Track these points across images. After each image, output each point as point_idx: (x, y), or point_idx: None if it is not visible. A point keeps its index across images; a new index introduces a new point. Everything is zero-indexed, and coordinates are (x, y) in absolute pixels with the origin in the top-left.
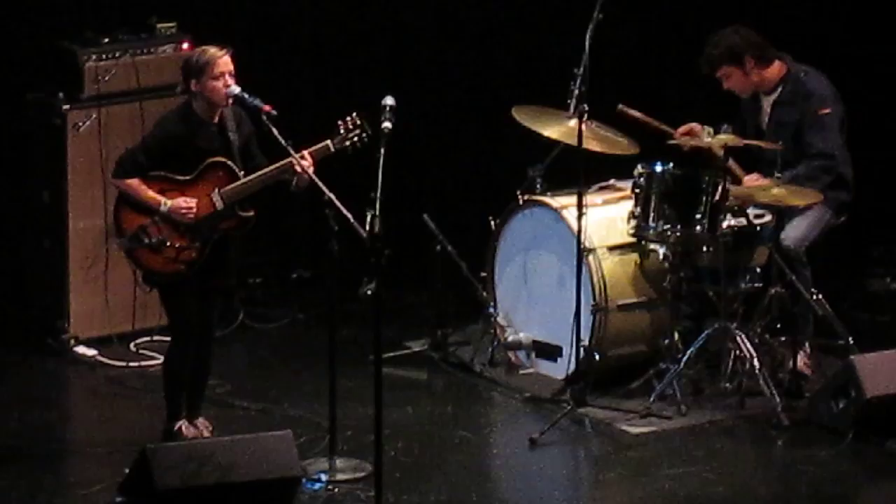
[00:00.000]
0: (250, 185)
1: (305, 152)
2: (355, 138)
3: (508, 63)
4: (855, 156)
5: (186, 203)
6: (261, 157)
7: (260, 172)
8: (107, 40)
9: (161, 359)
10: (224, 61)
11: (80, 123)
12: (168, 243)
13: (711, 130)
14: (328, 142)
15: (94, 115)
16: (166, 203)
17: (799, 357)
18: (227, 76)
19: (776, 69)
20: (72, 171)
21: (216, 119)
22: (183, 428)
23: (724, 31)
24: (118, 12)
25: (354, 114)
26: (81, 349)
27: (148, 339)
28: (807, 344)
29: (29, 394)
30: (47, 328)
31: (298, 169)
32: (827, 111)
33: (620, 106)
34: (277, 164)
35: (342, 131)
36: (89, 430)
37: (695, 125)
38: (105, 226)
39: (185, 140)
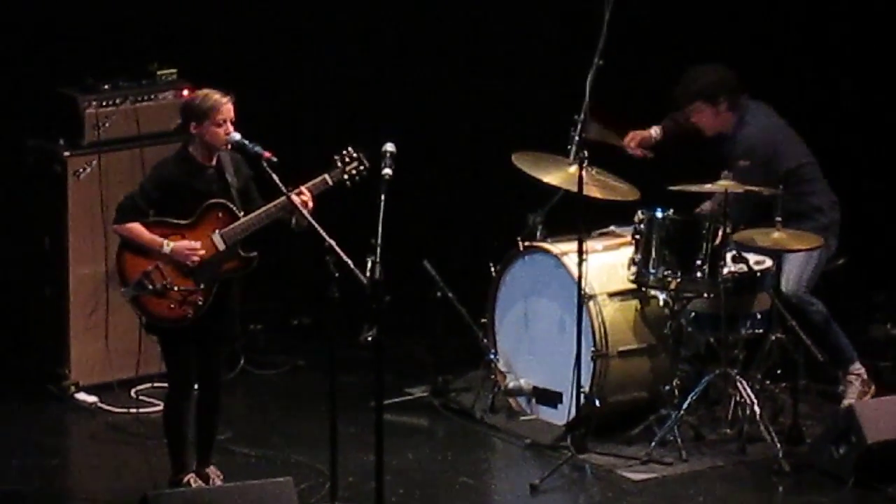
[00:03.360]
0: (250, 224)
1: (303, 187)
2: (353, 171)
3: (509, 109)
4: (856, 202)
5: (190, 245)
6: (260, 200)
7: (259, 211)
8: (107, 86)
9: (161, 405)
10: (227, 108)
11: (81, 170)
12: (172, 287)
13: (658, 129)
14: (325, 175)
15: (95, 162)
16: (168, 244)
17: None
18: (228, 123)
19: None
20: (72, 218)
21: (213, 162)
22: (191, 481)
23: (704, 68)
24: (118, 58)
25: (350, 147)
26: (82, 395)
27: (149, 385)
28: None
29: (30, 440)
30: (48, 375)
31: (297, 202)
32: (745, 163)
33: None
34: (276, 202)
35: (339, 164)
36: (90, 476)
37: (639, 132)
38: (106, 272)
39: (182, 184)
